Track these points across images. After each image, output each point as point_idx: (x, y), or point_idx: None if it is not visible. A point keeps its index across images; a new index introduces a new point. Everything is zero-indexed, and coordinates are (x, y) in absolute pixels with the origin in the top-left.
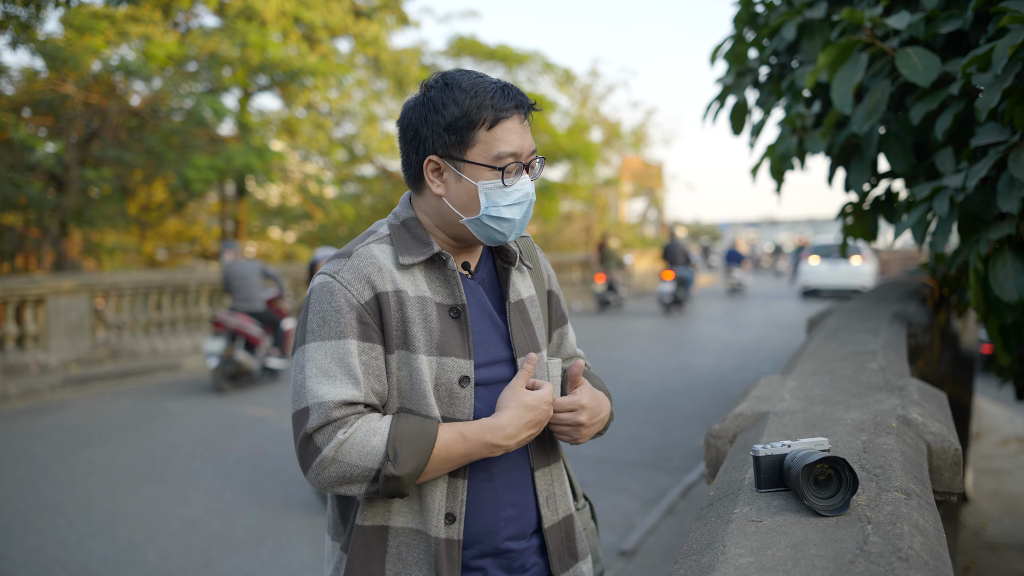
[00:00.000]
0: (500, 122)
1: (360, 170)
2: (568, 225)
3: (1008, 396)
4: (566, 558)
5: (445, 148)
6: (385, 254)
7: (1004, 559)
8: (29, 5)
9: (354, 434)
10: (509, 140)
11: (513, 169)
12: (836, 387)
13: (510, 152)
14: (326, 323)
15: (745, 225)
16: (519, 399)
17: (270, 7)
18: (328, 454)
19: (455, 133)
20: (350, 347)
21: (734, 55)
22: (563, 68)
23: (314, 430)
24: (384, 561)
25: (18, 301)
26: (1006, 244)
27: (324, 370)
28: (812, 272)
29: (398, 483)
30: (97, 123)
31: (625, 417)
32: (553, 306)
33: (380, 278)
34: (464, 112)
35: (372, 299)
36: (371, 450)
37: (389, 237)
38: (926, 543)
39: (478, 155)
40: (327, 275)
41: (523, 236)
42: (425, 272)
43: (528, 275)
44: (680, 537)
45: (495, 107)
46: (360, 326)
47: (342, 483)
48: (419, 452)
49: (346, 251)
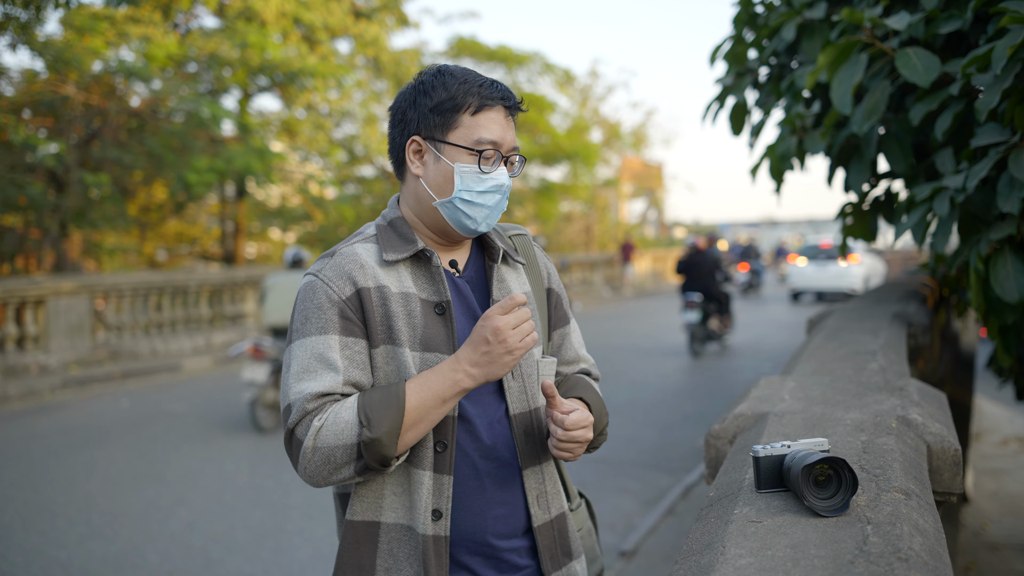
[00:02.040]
0: (484, 109)
1: (360, 171)
2: (568, 225)
3: (1008, 396)
4: (559, 556)
5: (429, 129)
6: (369, 252)
7: (1004, 559)
8: (29, 6)
9: (327, 417)
10: (491, 128)
11: (491, 157)
12: (836, 387)
13: (490, 140)
14: (308, 320)
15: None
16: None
17: (270, 8)
18: (308, 444)
19: (440, 115)
20: (331, 342)
21: (734, 55)
22: (563, 69)
23: (294, 424)
24: (375, 556)
25: (18, 302)
26: (1007, 244)
27: (304, 367)
28: (799, 274)
29: (379, 445)
30: (97, 124)
31: (625, 417)
32: (553, 305)
33: (362, 275)
34: (451, 96)
35: (353, 295)
36: (344, 424)
37: (375, 237)
38: (926, 543)
39: (459, 138)
40: (311, 275)
41: (520, 234)
42: (411, 269)
43: (523, 272)
44: (680, 537)
45: (481, 95)
46: (342, 321)
47: (330, 470)
48: (391, 409)
49: (331, 251)
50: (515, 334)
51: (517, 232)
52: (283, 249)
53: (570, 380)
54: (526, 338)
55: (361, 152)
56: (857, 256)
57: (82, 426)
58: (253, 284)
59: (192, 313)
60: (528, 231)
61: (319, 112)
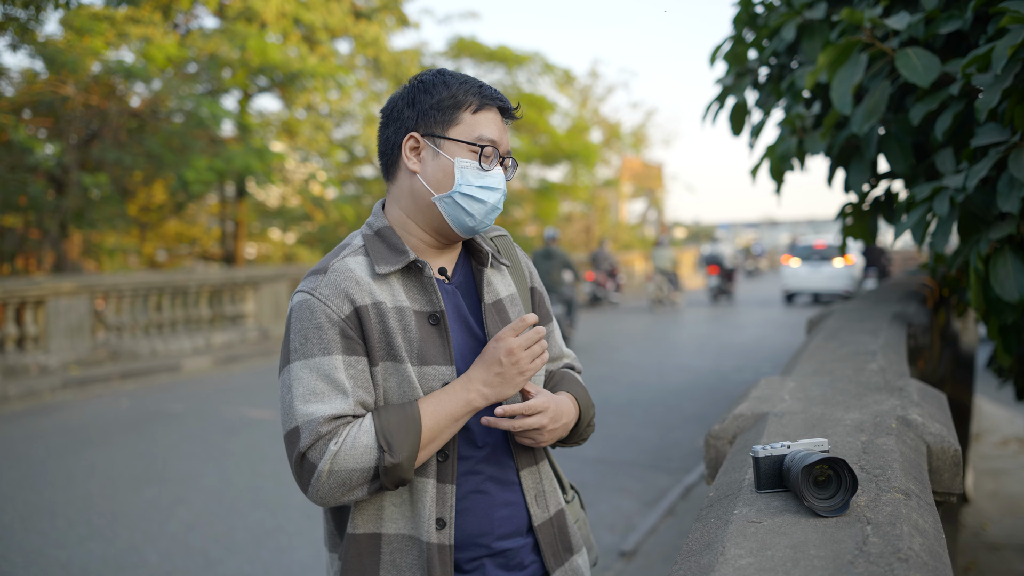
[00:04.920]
0: (484, 109)
1: (360, 171)
2: (568, 226)
3: (1008, 396)
4: (560, 552)
5: (428, 126)
6: (361, 266)
7: (1004, 559)
8: (29, 7)
9: (344, 441)
10: (490, 128)
11: (491, 155)
12: (836, 388)
13: (490, 138)
14: (308, 341)
15: (745, 226)
16: (492, 348)
17: (270, 8)
18: (324, 467)
19: (440, 111)
20: (335, 362)
21: (734, 56)
22: (563, 69)
23: (307, 448)
24: (379, 568)
25: (18, 302)
26: (1006, 244)
27: (311, 388)
28: (792, 275)
29: (399, 470)
30: (97, 125)
31: (625, 418)
32: (537, 303)
33: (358, 291)
34: (452, 93)
35: (352, 313)
36: (364, 449)
37: (364, 248)
38: (926, 544)
39: (460, 134)
40: (305, 293)
41: (501, 235)
42: (402, 281)
43: (507, 273)
44: (680, 538)
45: (482, 94)
46: (344, 340)
47: (343, 492)
48: (410, 433)
49: (322, 267)
50: (527, 355)
51: (498, 234)
52: (283, 249)
53: (556, 376)
54: (536, 359)
55: (361, 152)
56: (852, 257)
57: (82, 426)
58: (253, 284)
59: (192, 313)
60: (507, 232)
61: (319, 112)
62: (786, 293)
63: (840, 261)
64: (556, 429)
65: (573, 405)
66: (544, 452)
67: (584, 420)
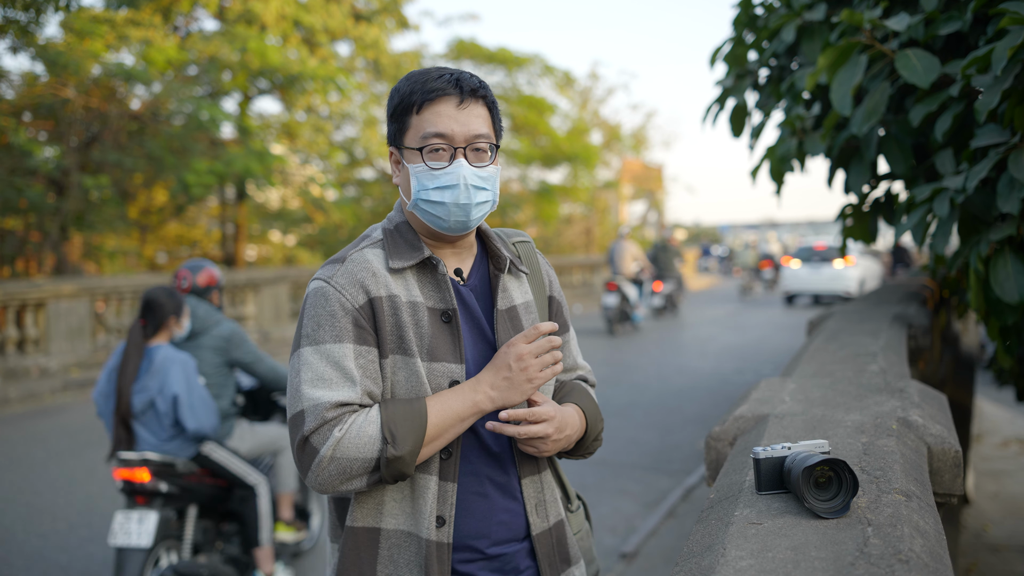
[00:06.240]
0: (427, 104)
1: (360, 173)
2: (568, 228)
3: (1009, 397)
4: (557, 563)
5: (392, 137)
6: (378, 259)
7: (1005, 561)
8: (29, 9)
9: (349, 429)
10: (435, 122)
11: (440, 149)
12: (836, 389)
13: (434, 133)
14: (321, 327)
15: (745, 227)
16: (503, 353)
17: (270, 11)
18: (326, 453)
19: (396, 121)
20: (346, 351)
21: (734, 57)
22: (563, 71)
23: (311, 432)
24: (376, 562)
25: (19, 305)
26: (1007, 245)
27: (319, 374)
28: (792, 276)
29: (401, 463)
30: (97, 127)
31: (625, 420)
32: (554, 312)
33: (374, 283)
34: (402, 99)
35: (366, 303)
36: (368, 439)
37: (382, 242)
38: (926, 545)
39: (410, 139)
40: (322, 280)
41: (524, 241)
42: (417, 276)
43: (525, 281)
44: (681, 539)
45: (425, 89)
46: (356, 330)
47: (342, 480)
48: (415, 428)
49: (340, 256)
50: (537, 363)
51: (521, 239)
52: (284, 252)
53: (567, 387)
54: (546, 369)
55: (361, 155)
56: (852, 258)
57: (82, 429)
58: (253, 287)
59: None
60: (530, 237)
61: (319, 115)
62: (786, 294)
63: (840, 262)
64: (560, 440)
65: (580, 418)
66: (549, 462)
67: (591, 434)
